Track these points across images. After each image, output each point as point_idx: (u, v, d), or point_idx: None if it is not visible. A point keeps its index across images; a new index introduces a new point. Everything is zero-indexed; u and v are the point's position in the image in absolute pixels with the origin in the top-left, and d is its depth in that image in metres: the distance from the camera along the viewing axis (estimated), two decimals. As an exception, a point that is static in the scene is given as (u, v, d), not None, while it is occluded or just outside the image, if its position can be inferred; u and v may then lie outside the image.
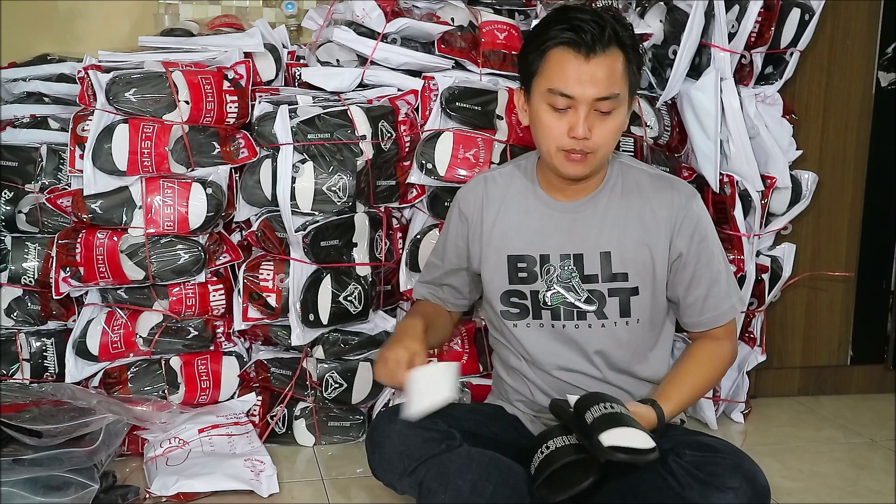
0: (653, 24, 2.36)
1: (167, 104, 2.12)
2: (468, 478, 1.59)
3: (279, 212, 2.15)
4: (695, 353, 1.85)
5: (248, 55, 2.28)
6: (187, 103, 2.13)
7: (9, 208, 2.25)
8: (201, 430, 2.15)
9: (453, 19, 2.33)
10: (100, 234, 2.13)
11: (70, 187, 2.22)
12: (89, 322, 2.21)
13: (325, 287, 2.18)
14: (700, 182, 2.37)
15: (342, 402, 2.26)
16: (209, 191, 2.14)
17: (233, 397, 2.31)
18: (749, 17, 2.27)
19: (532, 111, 1.78)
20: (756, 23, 2.29)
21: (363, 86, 2.32)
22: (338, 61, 2.32)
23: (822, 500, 2.07)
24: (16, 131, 2.29)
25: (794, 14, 2.33)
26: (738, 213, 2.36)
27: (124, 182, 2.14)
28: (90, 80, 2.11)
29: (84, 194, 2.11)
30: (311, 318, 2.17)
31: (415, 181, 2.24)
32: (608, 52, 1.69)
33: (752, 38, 2.31)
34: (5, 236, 2.26)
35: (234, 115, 2.20)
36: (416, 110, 2.31)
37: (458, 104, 2.21)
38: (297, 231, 2.14)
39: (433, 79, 2.28)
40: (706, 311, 1.83)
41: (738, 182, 2.35)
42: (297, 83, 2.42)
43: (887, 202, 2.69)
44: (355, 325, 2.27)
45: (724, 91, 2.30)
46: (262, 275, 2.18)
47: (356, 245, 2.21)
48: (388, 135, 2.22)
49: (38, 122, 2.32)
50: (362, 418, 2.32)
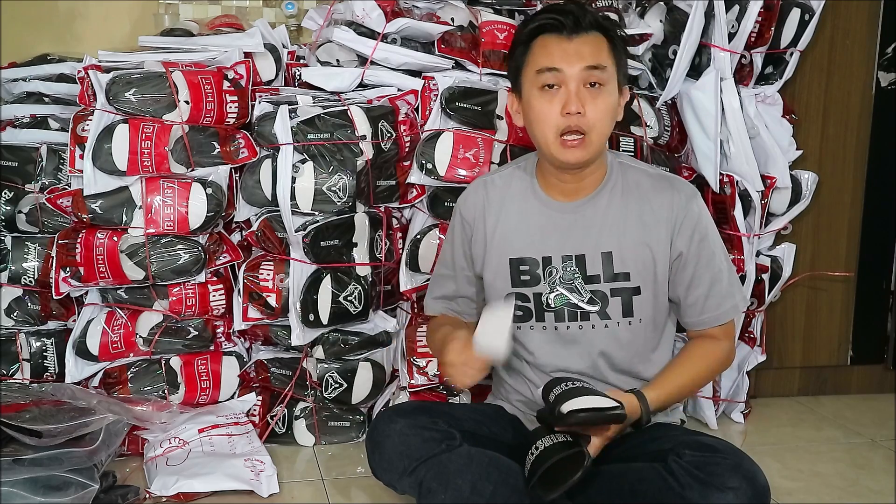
0: (653, 24, 2.37)
1: (167, 104, 2.12)
2: (468, 478, 1.59)
3: (279, 212, 2.15)
4: (688, 350, 1.86)
5: (248, 55, 2.28)
6: (187, 103, 2.13)
7: (9, 208, 2.25)
8: (201, 430, 2.15)
9: (453, 19, 2.33)
10: (100, 234, 2.13)
11: (70, 187, 2.22)
12: (89, 322, 2.21)
13: (325, 287, 2.17)
14: (700, 182, 2.37)
15: (342, 402, 2.26)
16: (209, 191, 2.14)
17: (233, 397, 2.30)
18: (749, 17, 2.27)
19: (525, 106, 1.79)
20: (756, 23, 2.29)
21: (363, 86, 2.33)
22: (338, 61, 2.32)
23: (822, 500, 2.07)
24: (16, 131, 2.29)
25: (794, 14, 2.33)
26: (738, 213, 2.36)
27: (124, 182, 2.14)
28: (90, 80, 2.11)
29: (84, 194, 2.11)
30: (311, 318, 2.16)
31: (415, 181, 2.24)
32: (591, 34, 1.74)
33: (752, 38, 2.31)
34: (5, 236, 2.26)
35: (234, 115, 2.20)
36: (416, 110, 2.31)
37: (458, 104, 2.21)
38: (297, 231, 2.14)
39: (433, 79, 2.28)
40: (707, 310, 1.83)
41: (738, 182, 2.35)
42: (297, 83, 2.42)
43: (887, 202, 2.69)
44: (355, 325, 2.26)
45: (724, 91, 2.30)
46: (262, 275, 2.18)
47: (356, 245, 2.21)
48: (388, 135, 2.22)
49: (38, 122, 2.31)
50: (362, 418, 2.32)
